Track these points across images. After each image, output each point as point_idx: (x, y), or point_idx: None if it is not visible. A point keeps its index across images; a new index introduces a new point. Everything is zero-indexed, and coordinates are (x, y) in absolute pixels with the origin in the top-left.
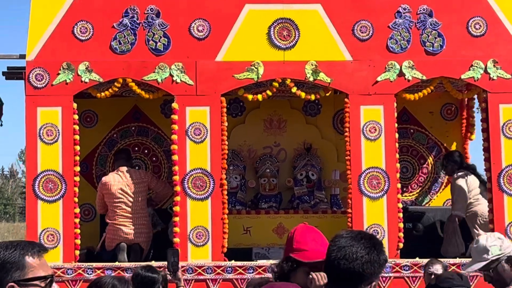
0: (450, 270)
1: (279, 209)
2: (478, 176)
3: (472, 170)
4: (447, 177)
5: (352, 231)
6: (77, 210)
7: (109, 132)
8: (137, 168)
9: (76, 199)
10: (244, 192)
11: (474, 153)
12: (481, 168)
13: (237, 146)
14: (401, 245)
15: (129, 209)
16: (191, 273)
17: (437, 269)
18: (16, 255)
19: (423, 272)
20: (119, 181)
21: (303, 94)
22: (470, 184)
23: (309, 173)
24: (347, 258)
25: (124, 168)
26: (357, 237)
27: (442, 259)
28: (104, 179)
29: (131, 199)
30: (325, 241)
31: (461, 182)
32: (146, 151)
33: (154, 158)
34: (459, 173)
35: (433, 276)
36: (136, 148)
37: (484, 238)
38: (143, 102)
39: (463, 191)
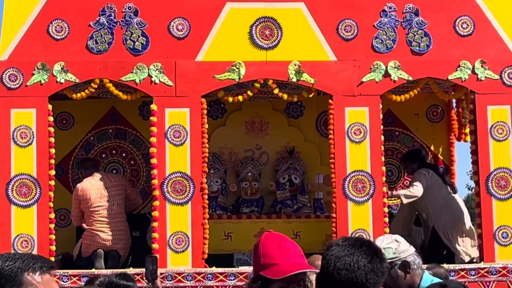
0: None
1: (261, 213)
2: (441, 176)
3: (434, 169)
4: None
5: (348, 238)
6: (52, 215)
7: (86, 134)
8: (114, 172)
9: (51, 204)
10: (225, 196)
11: (461, 156)
12: (467, 170)
13: (218, 149)
14: None
15: (107, 214)
16: (170, 280)
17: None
18: (14, 269)
19: None
20: (96, 185)
21: (285, 96)
22: (430, 179)
23: (291, 177)
24: (347, 268)
25: (99, 174)
26: (356, 244)
27: (445, 265)
28: (79, 185)
29: (108, 204)
30: (296, 248)
31: (419, 175)
32: (124, 154)
33: (132, 162)
34: (420, 170)
35: None
36: (114, 151)
37: (380, 240)
38: (120, 104)
39: (420, 181)
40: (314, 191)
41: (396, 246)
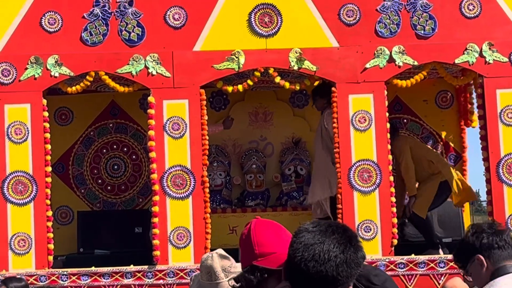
0: None
1: (267, 206)
2: None
3: None
4: None
5: (320, 222)
6: (50, 213)
7: (86, 129)
8: (115, 167)
9: (48, 202)
10: (229, 189)
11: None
12: (479, 157)
13: (221, 141)
14: (395, 241)
15: None
16: (172, 277)
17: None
18: None
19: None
20: None
21: (287, 84)
22: None
23: (297, 168)
24: (316, 259)
25: None
26: (328, 230)
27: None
28: None
29: None
30: (290, 235)
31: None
32: (125, 149)
33: (134, 156)
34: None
35: None
36: (115, 146)
37: None
38: (120, 97)
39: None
40: None
41: None
